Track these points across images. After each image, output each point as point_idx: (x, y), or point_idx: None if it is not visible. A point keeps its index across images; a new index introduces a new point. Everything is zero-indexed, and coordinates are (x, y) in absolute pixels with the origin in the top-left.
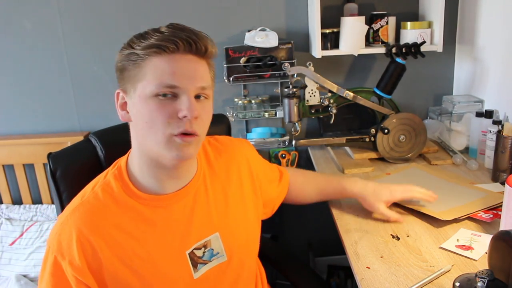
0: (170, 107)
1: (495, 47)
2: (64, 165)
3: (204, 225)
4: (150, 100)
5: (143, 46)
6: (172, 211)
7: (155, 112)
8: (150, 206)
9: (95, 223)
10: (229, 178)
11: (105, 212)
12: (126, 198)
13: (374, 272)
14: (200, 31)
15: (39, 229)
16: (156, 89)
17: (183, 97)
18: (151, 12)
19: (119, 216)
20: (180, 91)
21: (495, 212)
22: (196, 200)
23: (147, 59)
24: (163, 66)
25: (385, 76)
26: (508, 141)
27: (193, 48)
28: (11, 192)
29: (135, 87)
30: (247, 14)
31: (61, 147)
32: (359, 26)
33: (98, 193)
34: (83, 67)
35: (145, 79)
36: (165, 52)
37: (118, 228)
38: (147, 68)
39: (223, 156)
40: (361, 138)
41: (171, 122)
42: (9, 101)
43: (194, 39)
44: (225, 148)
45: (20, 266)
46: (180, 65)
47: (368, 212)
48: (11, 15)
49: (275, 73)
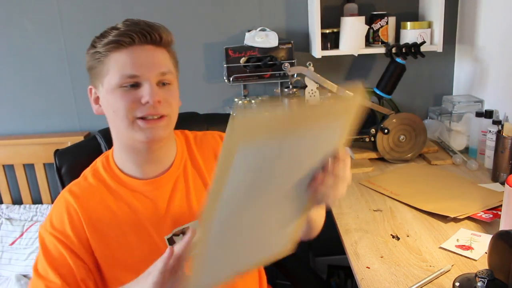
0: (133, 95)
1: (495, 47)
2: (69, 162)
3: (183, 212)
4: (115, 91)
5: (103, 43)
6: (152, 196)
7: (119, 101)
8: (131, 190)
9: (82, 197)
10: (210, 169)
11: (93, 191)
12: (111, 181)
13: (374, 272)
14: (155, 23)
15: (39, 229)
16: (119, 80)
17: (145, 85)
18: (151, 13)
19: (105, 195)
20: (142, 79)
21: (495, 212)
22: (176, 187)
23: (108, 55)
24: (122, 59)
25: (385, 76)
26: (508, 141)
27: (148, 39)
28: (11, 192)
29: (102, 82)
30: (247, 14)
31: (61, 147)
32: (359, 26)
33: (87, 176)
34: (83, 67)
35: (108, 74)
36: (123, 46)
37: (102, 205)
38: (109, 63)
39: (204, 148)
40: (361, 138)
41: (134, 107)
42: (9, 101)
43: (148, 30)
44: (207, 140)
45: (20, 266)
46: (138, 55)
47: (368, 212)
48: (11, 15)
49: (275, 73)
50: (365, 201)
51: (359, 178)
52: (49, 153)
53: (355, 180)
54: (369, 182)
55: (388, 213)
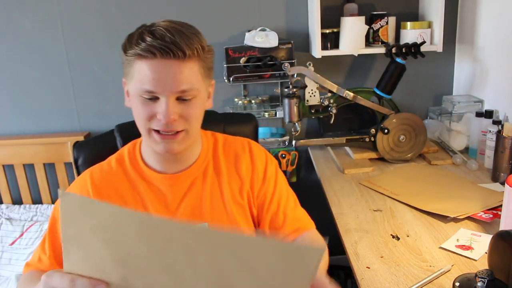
0: (150, 108)
1: (495, 47)
2: (86, 154)
3: (193, 212)
4: (136, 98)
5: (128, 48)
6: (167, 191)
7: (138, 109)
8: (148, 182)
9: (99, 185)
10: (230, 176)
11: (111, 177)
12: (131, 170)
13: (374, 272)
14: (186, 31)
15: (39, 229)
16: (139, 91)
17: (162, 101)
18: (151, 12)
19: (121, 183)
20: (159, 95)
21: (495, 212)
22: (191, 187)
23: (133, 61)
24: (144, 71)
25: (385, 76)
26: (508, 141)
27: (170, 55)
28: (11, 192)
29: (128, 83)
30: (247, 14)
31: (61, 147)
32: (359, 26)
33: (111, 161)
34: (83, 67)
35: (133, 79)
36: (146, 58)
37: (116, 193)
38: (134, 69)
39: (230, 153)
40: (361, 138)
41: (150, 119)
42: (9, 101)
43: (170, 47)
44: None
45: (20, 266)
46: (159, 70)
47: (368, 212)
48: (11, 15)
49: (275, 73)
50: (365, 201)
51: (359, 178)
52: (49, 153)
53: (355, 180)
54: (369, 182)
55: (388, 213)
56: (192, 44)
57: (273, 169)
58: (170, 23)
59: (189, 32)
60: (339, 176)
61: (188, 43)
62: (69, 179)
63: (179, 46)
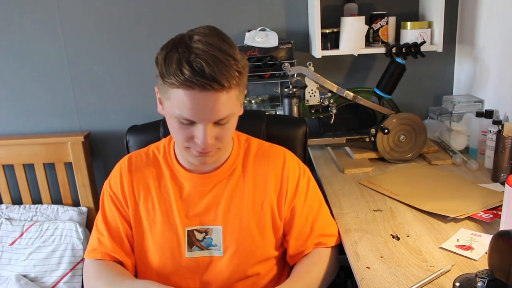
0: (187, 131)
1: (495, 47)
2: (134, 138)
3: (213, 213)
4: (173, 118)
5: (165, 75)
6: (192, 189)
7: (176, 131)
8: (176, 177)
9: (133, 169)
10: (256, 186)
11: (145, 166)
12: (163, 163)
13: (374, 272)
14: (223, 61)
15: (39, 229)
16: (177, 117)
17: (199, 127)
18: (150, 12)
19: (151, 174)
20: (197, 122)
21: (495, 212)
22: (215, 189)
23: (169, 87)
24: (183, 100)
25: (385, 76)
26: (508, 141)
27: (209, 88)
28: (11, 192)
29: (165, 101)
30: (247, 14)
31: (61, 147)
32: (359, 26)
33: (149, 151)
34: (83, 67)
35: (170, 101)
36: (184, 88)
37: (145, 181)
38: (171, 93)
39: (262, 163)
40: (361, 138)
41: (188, 141)
42: (9, 101)
43: (210, 84)
44: (268, 155)
45: (20, 266)
46: (198, 102)
47: (368, 212)
48: (11, 15)
49: (275, 73)
50: (365, 201)
51: (359, 178)
52: (49, 153)
53: (355, 180)
54: (369, 182)
55: (388, 213)
56: (231, 74)
57: (305, 183)
58: (208, 47)
59: (227, 58)
60: (339, 176)
61: (227, 75)
62: (69, 179)
63: (218, 81)
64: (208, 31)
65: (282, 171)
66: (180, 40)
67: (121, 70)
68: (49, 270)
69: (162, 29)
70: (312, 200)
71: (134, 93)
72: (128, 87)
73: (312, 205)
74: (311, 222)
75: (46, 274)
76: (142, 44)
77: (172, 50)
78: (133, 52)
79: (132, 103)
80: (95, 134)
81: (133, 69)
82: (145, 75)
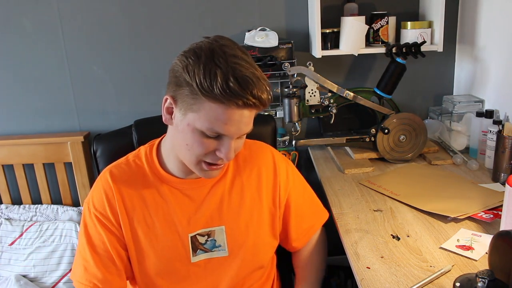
0: (211, 145)
1: (495, 47)
2: (103, 146)
3: (213, 215)
4: (196, 132)
5: (205, 88)
6: (188, 194)
7: (197, 144)
8: (168, 185)
9: (119, 181)
10: (251, 182)
11: (130, 177)
12: (150, 173)
13: (374, 272)
14: (260, 80)
15: (38, 229)
16: (205, 130)
17: (226, 141)
18: (150, 12)
19: (140, 185)
20: (228, 136)
21: (495, 212)
22: (211, 190)
23: (204, 99)
24: (217, 114)
25: (385, 76)
26: (509, 141)
27: (252, 106)
28: (11, 192)
29: (187, 112)
30: (247, 14)
31: (60, 147)
32: (359, 26)
33: (130, 161)
34: (83, 67)
35: (198, 114)
36: (223, 102)
37: (136, 193)
38: (203, 106)
39: (253, 160)
40: (361, 138)
41: (207, 154)
42: (9, 101)
43: (254, 102)
44: (258, 154)
45: (20, 266)
46: (235, 118)
47: (369, 212)
48: (11, 15)
49: (275, 73)
50: (365, 201)
51: (359, 178)
52: (49, 153)
53: (355, 180)
54: (369, 182)
55: (389, 213)
56: (269, 96)
57: (291, 170)
58: (246, 64)
59: (263, 77)
60: (339, 176)
61: (267, 95)
62: (68, 179)
63: (262, 101)
64: (230, 43)
65: (273, 164)
66: (213, 52)
67: (121, 70)
68: (48, 270)
69: (162, 29)
70: (300, 182)
71: (134, 93)
72: (128, 87)
73: (305, 186)
74: (308, 201)
75: (45, 274)
76: (142, 44)
77: (209, 63)
78: (133, 52)
79: (132, 103)
80: (95, 134)
81: (133, 69)
82: (145, 75)
